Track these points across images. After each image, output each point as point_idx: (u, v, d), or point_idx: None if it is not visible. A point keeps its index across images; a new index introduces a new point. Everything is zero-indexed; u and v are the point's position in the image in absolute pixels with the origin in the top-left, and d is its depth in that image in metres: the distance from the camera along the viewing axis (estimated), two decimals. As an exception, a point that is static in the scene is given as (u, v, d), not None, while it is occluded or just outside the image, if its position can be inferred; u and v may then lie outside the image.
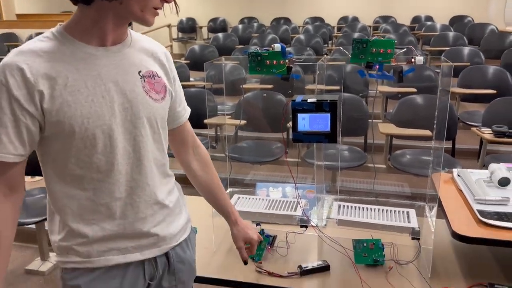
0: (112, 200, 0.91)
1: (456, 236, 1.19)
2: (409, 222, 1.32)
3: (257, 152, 3.00)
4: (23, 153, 0.85)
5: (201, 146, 1.16)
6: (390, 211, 1.39)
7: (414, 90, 3.28)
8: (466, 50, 4.75)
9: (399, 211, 1.39)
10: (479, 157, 2.73)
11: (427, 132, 2.51)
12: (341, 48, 4.73)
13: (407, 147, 3.07)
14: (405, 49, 1.27)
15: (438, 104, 1.39)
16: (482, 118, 2.94)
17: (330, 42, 6.61)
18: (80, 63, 0.86)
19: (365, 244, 1.34)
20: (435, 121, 1.37)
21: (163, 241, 0.99)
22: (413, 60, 1.26)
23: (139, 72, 0.93)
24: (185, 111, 1.10)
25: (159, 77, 0.96)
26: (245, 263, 1.19)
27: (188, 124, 1.12)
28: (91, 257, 0.91)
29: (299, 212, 1.40)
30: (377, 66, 1.24)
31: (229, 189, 1.61)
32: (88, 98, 0.85)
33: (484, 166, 2.65)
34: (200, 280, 1.31)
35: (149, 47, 0.98)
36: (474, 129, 2.67)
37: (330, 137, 1.16)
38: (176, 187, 1.07)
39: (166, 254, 1.01)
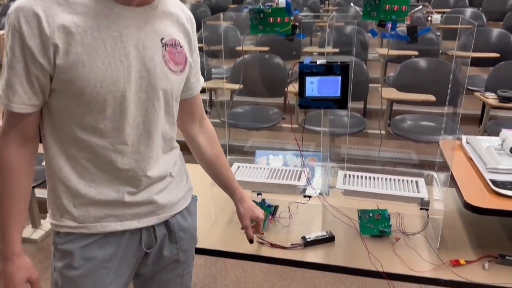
0: (114, 169, 0.86)
1: (469, 207, 1.14)
2: (418, 192, 1.26)
3: (254, 117, 2.91)
4: (37, 103, 0.80)
5: (207, 119, 1.10)
6: (398, 180, 1.33)
7: (415, 53, 3.17)
8: (468, 12, 4.60)
9: (407, 180, 1.33)
10: (481, 123, 2.68)
11: (431, 97, 2.43)
12: (351, 4, 4.53)
13: (405, 112, 2.99)
14: (420, 6, 1.17)
15: (453, 68, 1.29)
16: (486, 82, 2.86)
17: (326, 2, 6.37)
18: (103, 21, 0.77)
19: (370, 215, 1.29)
20: (449, 86, 1.29)
21: (162, 209, 0.94)
22: (429, 19, 1.16)
23: (162, 39, 0.85)
24: (199, 82, 1.03)
25: (181, 47, 0.89)
26: (251, 242, 1.15)
27: (199, 96, 1.05)
28: (86, 223, 0.87)
29: (302, 182, 1.34)
30: (390, 25, 1.14)
31: (228, 157, 1.53)
32: (105, 61, 0.78)
33: (486, 132, 2.59)
34: (199, 251, 1.25)
35: (175, 12, 0.89)
36: (477, 94, 2.59)
37: (340, 103, 1.07)
38: (179, 157, 1.01)
39: (167, 223, 0.96)
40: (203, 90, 1.08)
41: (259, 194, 1.39)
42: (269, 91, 2.91)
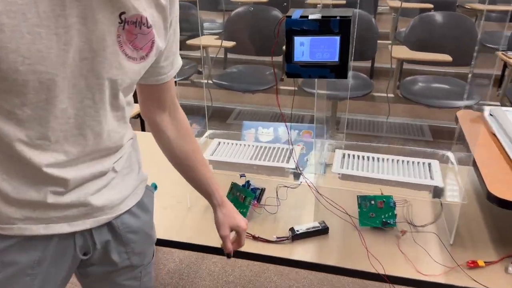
0: (31, 166, 0.66)
1: (493, 199, 0.93)
2: (431, 178, 1.05)
3: (249, 78, 2.65)
4: None
5: (180, 108, 0.90)
6: (407, 162, 1.12)
7: (430, 6, 2.85)
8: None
9: (418, 163, 1.11)
10: (500, 85, 2.41)
11: (446, 57, 2.16)
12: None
13: (417, 73, 2.72)
14: None
15: (482, 24, 1.04)
16: (509, 40, 2.55)
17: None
18: None
19: (372, 202, 1.09)
20: (476, 47, 1.03)
21: (101, 211, 0.75)
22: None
23: (122, 14, 0.63)
24: (172, 67, 0.81)
25: (149, 28, 0.67)
26: (229, 256, 0.95)
27: (172, 82, 0.84)
28: (0, 224, 0.69)
29: (293, 164, 1.13)
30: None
31: (209, 131, 1.32)
32: (33, 30, 0.56)
33: (506, 96, 2.34)
34: (171, 244, 1.08)
35: None
36: (499, 53, 2.31)
37: (338, 71, 0.84)
38: (130, 146, 0.81)
39: (110, 225, 0.78)
40: (196, 48, 0.85)
41: (242, 175, 1.19)
42: (267, 49, 2.64)
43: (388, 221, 1.07)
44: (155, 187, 1.14)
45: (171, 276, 1.81)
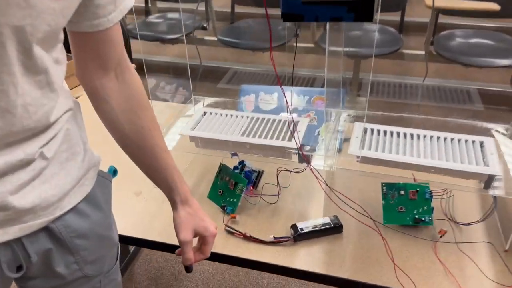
0: None
1: None
2: (484, 163, 0.77)
3: (260, 34, 2.35)
4: None
5: (132, 69, 0.64)
6: (451, 140, 0.84)
7: None
8: None
9: (466, 141, 0.83)
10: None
11: (493, 6, 1.80)
12: None
13: (454, 26, 2.35)
14: None
15: None
16: None
17: None
18: None
19: (402, 192, 0.83)
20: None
21: (31, 213, 0.55)
22: None
23: None
24: (116, 6, 0.55)
25: None
26: (188, 270, 0.72)
27: (118, 30, 0.58)
28: None
29: (297, 142, 0.86)
30: None
31: (193, 98, 1.06)
32: None
33: None
34: (139, 243, 0.86)
35: None
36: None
37: (359, 9, 0.56)
38: (68, 121, 0.57)
39: (48, 230, 0.58)
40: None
41: (234, 155, 0.94)
42: None
43: (423, 218, 0.82)
44: (114, 172, 0.90)
45: (166, 259, 1.62)
